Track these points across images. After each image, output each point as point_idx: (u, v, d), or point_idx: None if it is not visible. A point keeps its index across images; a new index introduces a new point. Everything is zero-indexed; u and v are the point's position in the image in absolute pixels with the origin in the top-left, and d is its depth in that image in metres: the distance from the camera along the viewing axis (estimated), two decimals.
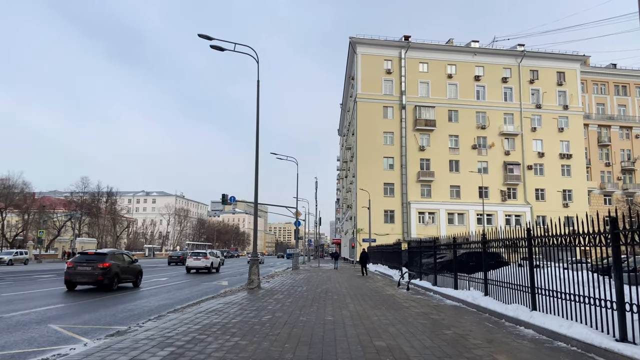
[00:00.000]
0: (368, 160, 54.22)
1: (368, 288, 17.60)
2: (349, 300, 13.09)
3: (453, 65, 57.79)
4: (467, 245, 12.63)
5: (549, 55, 58.89)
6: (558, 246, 7.65)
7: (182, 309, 10.84)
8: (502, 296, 9.89)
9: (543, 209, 55.40)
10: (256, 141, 17.45)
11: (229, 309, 10.77)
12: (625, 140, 63.42)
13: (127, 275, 18.04)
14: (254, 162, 17.70)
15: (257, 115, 17.59)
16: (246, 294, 14.61)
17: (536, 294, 8.35)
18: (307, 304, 12.01)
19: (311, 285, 18.54)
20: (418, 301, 12.79)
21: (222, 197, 39.84)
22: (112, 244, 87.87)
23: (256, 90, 17.68)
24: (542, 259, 8.91)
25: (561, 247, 7.63)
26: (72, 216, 72.15)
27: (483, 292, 11.06)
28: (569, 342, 6.64)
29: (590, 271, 8.07)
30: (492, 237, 10.80)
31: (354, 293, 15.37)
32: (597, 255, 7.17)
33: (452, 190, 55.51)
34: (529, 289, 8.61)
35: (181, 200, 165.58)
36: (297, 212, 40.31)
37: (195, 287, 19.10)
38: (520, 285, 8.97)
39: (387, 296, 14.34)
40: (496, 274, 10.52)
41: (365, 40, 56.29)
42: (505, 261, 11.94)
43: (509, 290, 9.58)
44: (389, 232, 51.59)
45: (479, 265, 12.77)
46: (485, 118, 57.29)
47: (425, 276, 17.90)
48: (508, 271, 9.76)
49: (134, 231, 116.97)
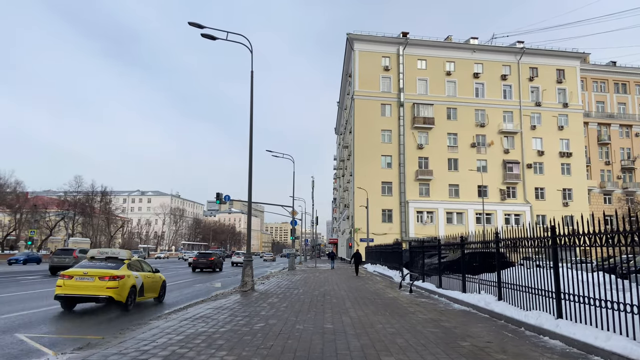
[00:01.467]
0: (365, 158, 53.30)
1: (368, 290, 16.68)
2: (349, 304, 12.15)
3: (452, 63, 56.94)
4: (478, 245, 11.67)
5: (548, 52, 58.14)
6: (591, 246, 6.74)
7: (167, 315, 9.88)
8: (520, 301, 8.96)
9: (543, 208, 54.65)
10: (250, 134, 16.50)
11: (219, 315, 9.81)
12: (625, 138, 62.74)
13: None
14: (250, 160, 16.76)
15: (251, 107, 16.64)
16: (239, 298, 13.66)
17: (562, 299, 7.42)
18: (303, 308, 11.07)
19: (308, 287, 17.61)
20: (423, 305, 11.87)
21: (217, 195, 38.90)
22: (107, 244, 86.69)
23: (250, 82, 16.73)
24: (543, 259, 8.31)
25: (593, 246, 6.73)
26: (64, 215, 70.91)
27: (496, 296, 10.14)
28: (609, 357, 5.73)
29: (594, 272, 7.30)
30: (509, 235, 9.87)
31: (354, 296, 14.44)
32: (597, 255, 6.94)
33: (450, 189, 54.66)
34: (553, 294, 7.68)
35: (177, 200, 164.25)
36: (294, 211, 39.35)
37: (186, 290, 18.12)
38: (542, 290, 8.05)
39: (389, 299, 13.42)
40: (510, 276, 9.60)
41: (362, 37, 55.36)
42: (511, 262, 11.14)
43: (527, 295, 8.66)
44: (386, 232, 50.71)
45: (483, 266, 11.93)
46: (485, 116, 56.46)
47: (428, 277, 17.00)
48: (523, 273, 8.84)
49: (128, 231, 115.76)
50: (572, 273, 7.18)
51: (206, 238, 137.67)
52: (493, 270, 11.39)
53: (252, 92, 16.61)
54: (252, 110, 16.60)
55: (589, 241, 6.85)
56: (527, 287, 8.54)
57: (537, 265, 8.33)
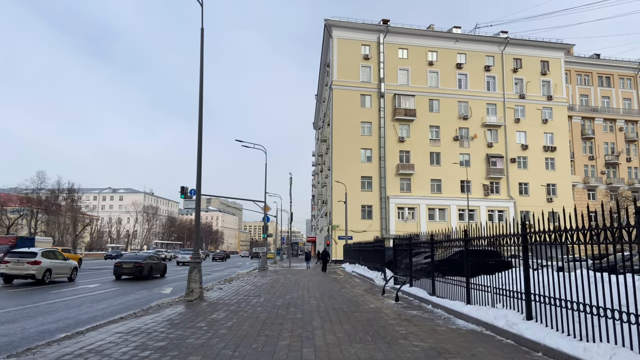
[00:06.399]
0: (344, 152, 50.41)
1: (344, 297, 13.70)
2: (318, 321, 9.13)
3: (434, 52, 54.47)
4: (485, 240, 8.78)
5: (532, 43, 56.20)
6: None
7: (48, 345, 6.70)
8: (562, 323, 6.06)
9: (527, 203, 52.70)
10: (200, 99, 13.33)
11: (124, 345, 6.67)
12: (609, 133, 61.38)
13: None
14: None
15: (201, 69, 13.45)
16: (178, 310, 10.52)
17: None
18: (253, 330, 8.00)
19: (272, 294, 14.54)
20: (416, 322, 8.92)
21: (181, 189, 35.32)
22: (72, 243, 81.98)
23: (200, 40, 13.55)
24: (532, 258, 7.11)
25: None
26: (22, 213, 66.09)
27: (520, 311, 7.23)
28: None
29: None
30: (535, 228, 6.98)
31: (326, 307, 11.43)
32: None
33: (432, 185, 52.24)
34: (634, 316, 4.80)
35: (150, 198, 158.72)
36: (266, 207, 36.17)
37: (121, 298, 14.79)
38: (610, 310, 5.15)
39: (371, 312, 10.45)
40: (542, 285, 6.72)
41: (341, 23, 52.40)
42: (509, 262, 8.48)
43: (578, 315, 5.76)
44: (366, 229, 47.93)
45: (480, 266, 9.20)
46: (468, 108, 54.20)
47: (416, 281, 14.14)
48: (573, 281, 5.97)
49: (97, 229, 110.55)
50: None
51: (181, 237, 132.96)
52: (495, 271, 8.68)
53: (202, 51, 13.43)
54: (202, 74, 13.42)
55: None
56: (587, 305, 5.59)
57: (599, 269, 5.45)
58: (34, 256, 19.04)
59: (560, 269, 7.09)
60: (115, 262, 24.04)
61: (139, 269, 22.54)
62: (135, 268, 22.56)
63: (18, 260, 18.81)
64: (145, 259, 23.66)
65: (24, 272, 18.63)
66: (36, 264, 18.77)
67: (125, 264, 22.90)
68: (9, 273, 18.77)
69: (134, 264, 22.71)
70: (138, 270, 22.52)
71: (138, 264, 22.70)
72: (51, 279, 19.55)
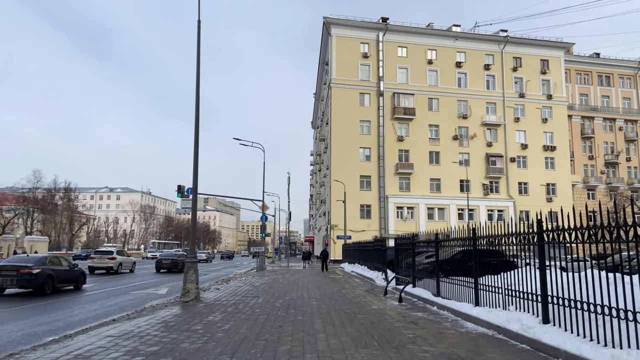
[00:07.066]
0: (343, 150, 50.01)
1: (346, 298, 13.30)
2: (320, 323, 8.72)
3: (433, 51, 54.11)
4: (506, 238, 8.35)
5: (532, 41, 55.90)
6: None
7: (33, 350, 6.28)
8: (584, 327, 5.66)
9: (526, 203, 52.45)
10: (197, 87, 12.89)
11: (114, 349, 6.25)
12: (609, 132, 61.11)
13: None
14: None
15: (198, 63, 13.02)
16: (173, 312, 10.10)
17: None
18: (252, 334, 7.59)
19: (271, 295, 14.12)
20: (423, 325, 8.52)
21: (178, 188, 34.99)
22: (69, 242, 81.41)
23: (197, 32, 13.11)
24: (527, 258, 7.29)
25: None
26: (17, 212, 65.48)
27: (538, 315, 6.82)
28: None
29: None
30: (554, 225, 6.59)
31: (327, 308, 11.02)
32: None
33: (432, 184, 51.89)
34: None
35: (147, 197, 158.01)
36: (264, 206, 35.78)
37: (116, 299, 14.36)
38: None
39: (374, 314, 10.04)
40: (559, 287, 6.32)
41: (340, 21, 51.99)
42: (514, 262, 8.12)
43: (602, 319, 5.36)
44: (365, 229, 47.56)
45: (485, 266, 8.83)
46: (467, 107, 53.86)
47: (419, 281, 13.75)
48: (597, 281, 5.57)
49: (94, 229, 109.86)
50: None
51: (179, 237, 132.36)
52: (500, 271, 8.31)
53: (199, 44, 13.00)
54: (199, 64, 12.99)
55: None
56: (613, 309, 5.19)
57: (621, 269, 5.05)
58: (111, 254, 26.66)
59: (563, 269, 6.72)
60: (157, 259, 30.65)
61: (174, 263, 28.36)
62: (172, 263, 28.53)
63: (100, 257, 26.42)
64: (180, 256, 29.53)
65: (104, 265, 26.08)
66: (113, 260, 26.13)
67: (164, 260, 29.14)
68: (95, 266, 26.05)
69: (171, 260, 28.89)
70: (174, 265, 28.34)
71: (174, 260, 28.78)
72: (121, 270, 26.87)
